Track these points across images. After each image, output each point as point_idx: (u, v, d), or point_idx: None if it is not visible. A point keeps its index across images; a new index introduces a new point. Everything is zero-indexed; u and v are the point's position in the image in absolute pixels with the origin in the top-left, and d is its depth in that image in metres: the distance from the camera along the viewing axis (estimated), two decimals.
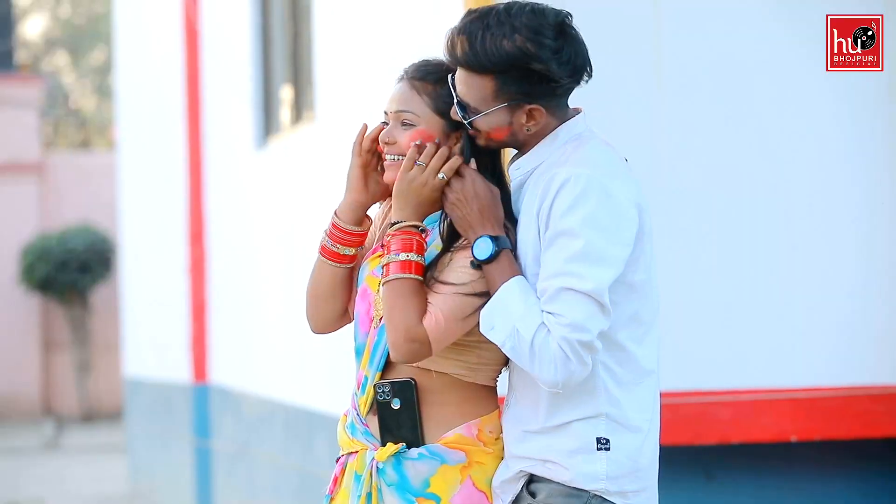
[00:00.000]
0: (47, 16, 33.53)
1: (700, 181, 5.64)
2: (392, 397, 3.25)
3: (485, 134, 3.20)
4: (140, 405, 12.84)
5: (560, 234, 3.07)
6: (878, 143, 5.82)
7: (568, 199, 3.07)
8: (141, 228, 12.73)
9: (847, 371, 5.78)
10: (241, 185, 9.37)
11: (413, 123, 3.27)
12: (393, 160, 3.27)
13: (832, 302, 5.79)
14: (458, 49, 3.14)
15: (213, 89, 9.98)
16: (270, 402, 8.43)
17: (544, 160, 3.19)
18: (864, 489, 5.96)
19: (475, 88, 3.15)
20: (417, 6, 6.18)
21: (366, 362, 3.30)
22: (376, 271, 3.30)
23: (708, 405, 5.62)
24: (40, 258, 19.17)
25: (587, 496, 3.15)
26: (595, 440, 3.15)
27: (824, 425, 5.74)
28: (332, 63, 7.39)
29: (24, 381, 20.09)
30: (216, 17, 9.91)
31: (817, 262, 5.79)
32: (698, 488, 5.82)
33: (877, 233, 5.83)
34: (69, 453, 16.30)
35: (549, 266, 3.07)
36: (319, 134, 7.45)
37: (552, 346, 3.03)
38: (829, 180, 5.80)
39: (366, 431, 3.30)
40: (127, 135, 13.58)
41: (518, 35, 3.08)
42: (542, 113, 3.17)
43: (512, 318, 3.07)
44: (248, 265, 9.14)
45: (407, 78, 3.31)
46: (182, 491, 10.80)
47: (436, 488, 3.22)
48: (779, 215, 5.77)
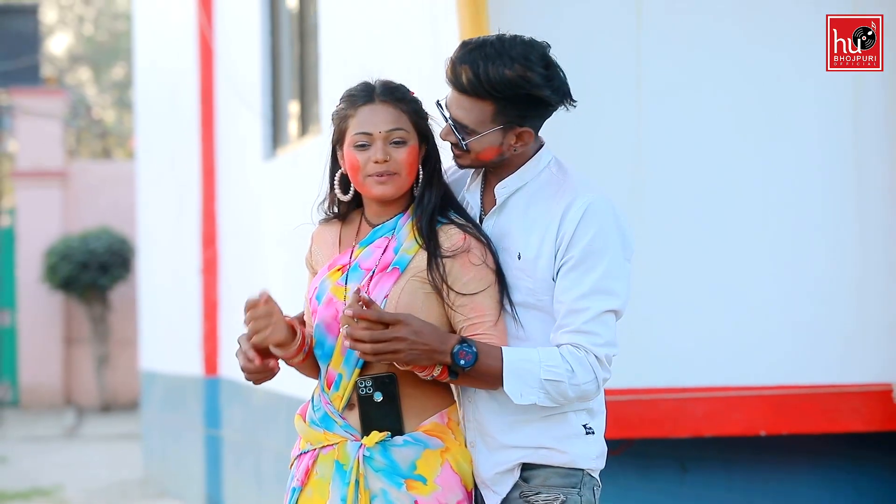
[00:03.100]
0: (71, 33, 33.52)
1: (675, 188, 5.64)
2: (374, 391, 3.28)
3: (475, 154, 3.26)
4: (155, 396, 12.82)
5: (588, 255, 3.17)
6: (845, 155, 5.82)
7: (595, 222, 3.18)
8: (157, 232, 12.73)
9: (813, 370, 5.78)
10: (250, 192, 9.36)
11: (405, 140, 3.31)
12: (389, 177, 3.29)
13: (800, 306, 5.79)
14: (463, 77, 3.20)
15: (226, 103, 9.98)
16: (276, 395, 8.42)
17: (528, 181, 3.28)
18: (827, 479, 5.95)
19: (475, 112, 3.21)
20: (414, 29, 6.18)
21: (338, 362, 3.32)
22: (340, 282, 3.33)
23: (683, 401, 5.62)
24: (63, 259, 19.16)
25: (581, 474, 3.28)
26: (583, 427, 3.28)
27: (791, 420, 5.74)
28: (336, 80, 7.39)
29: (46, 373, 20.08)
30: (229, 37, 9.91)
31: (787, 267, 5.79)
32: (674, 478, 5.82)
33: (842, 242, 5.83)
34: (88, 441, 16.28)
35: (580, 286, 3.17)
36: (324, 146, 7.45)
37: (588, 360, 3.16)
38: (798, 189, 5.80)
39: (345, 425, 3.32)
40: (145, 145, 13.57)
41: (517, 64, 3.16)
42: (531, 135, 3.26)
43: (536, 375, 3.16)
44: (257, 266, 9.13)
45: (388, 99, 3.33)
46: (193, 477, 10.79)
47: (421, 470, 3.26)
48: (751, 223, 5.77)
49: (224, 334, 10.18)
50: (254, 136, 9.13)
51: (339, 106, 3.41)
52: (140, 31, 13.71)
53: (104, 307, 19.71)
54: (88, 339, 20.04)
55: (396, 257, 3.30)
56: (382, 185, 3.30)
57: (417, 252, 3.30)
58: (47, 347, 20.08)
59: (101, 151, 29.93)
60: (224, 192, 10.15)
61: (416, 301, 3.26)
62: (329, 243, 3.46)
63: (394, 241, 3.32)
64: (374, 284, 3.30)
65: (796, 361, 5.76)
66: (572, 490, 3.25)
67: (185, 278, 11.08)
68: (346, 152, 3.37)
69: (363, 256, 3.35)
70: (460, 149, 3.27)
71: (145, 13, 13.39)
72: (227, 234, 10.10)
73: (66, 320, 20.24)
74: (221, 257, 10.22)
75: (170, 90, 11.84)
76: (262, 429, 8.94)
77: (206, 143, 10.29)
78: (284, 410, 8.33)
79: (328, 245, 3.46)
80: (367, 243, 3.36)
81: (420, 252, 3.29)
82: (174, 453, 11.73)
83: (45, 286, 19.59)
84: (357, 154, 3.32)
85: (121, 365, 19.92)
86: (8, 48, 21.64)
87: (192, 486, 10.82)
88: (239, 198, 9.74)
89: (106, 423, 18.19)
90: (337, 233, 3.46)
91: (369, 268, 3.32)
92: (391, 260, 3.31)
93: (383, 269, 3.30)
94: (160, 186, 12.52)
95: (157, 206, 12.76)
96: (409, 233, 3.32)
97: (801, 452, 5.90)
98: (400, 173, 3.30)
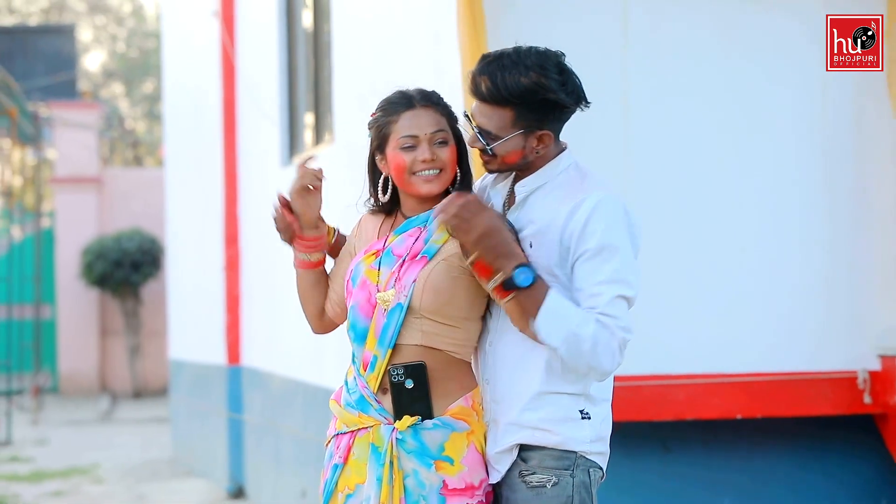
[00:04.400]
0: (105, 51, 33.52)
1: (659, 191, 5.62)
2: (405, 378, 3.26)
3: (500, 158, 3.25)
4: (182, 383, 12.81)
5: (603, 248, 3.14)
6: (816, 161, 5.80)
7: (605, 218, 3.16)
8: (184, 232, 12.71)
9: (785, 359, 5.77)
10: (269, 196, 9.34)
11: (447, 141, 3.33)
12: (435, 175, 3.31)
13: (774, 300, 5.78)
14: (483, 86, 3.20)
15: (246, 115, 9.97)
16: (293, 382, 8.41)
17: (547, 181, 3.27)
18: (798, 458, 5.94)
19: (496, 118, 3.21)
20: (419, 46, 6.17)
21: (373, 343, 3.30)
22: (374, 265, 3.34)
23: (665, 387, 5.60)
24: (98, 257, 19.15)
25: (574, 457, 3.22)
26: (579, 412, 3.23)
27: (765, 405, 5.72)
28: (348, 93, 7.38)
29: (83, 362, 20.08)
30: (249, 54, 9.90)
31: (763, 265, 5.77)
32: (657, 458, 5.81)
33: (813, 241, 5.81)
34: (121, 424, 16.28)
35: (598, 274, 3.14)
36: (336, 153, 7.43)
37: (612, 343, 3.12)
38: (773, 192, 5.79)
39: (380, 408, 3.30)
40: (173, 153, 13.56)
41: (532, 72, 3.16)
42: (551, 137, 3.25)
43: (569, 324, 3.11)
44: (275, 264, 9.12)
45: (428, 104, 3.35)
46: (217, 457, 10.78)
47: (449, 452, 3.25)
48: (729, 223, 5.76)
49: (245, 326, 10.17)
50: (272, 145, 9.12)
51: (377, 115, 3.41)
52: (168, 48, 13.70)
53: (136, 302, 19.70)
54: (122, 331, 20.03)
55: (426, 247, 3.31)
56: (429, 182, 3.32)
57: (448, 240, 3.30)
58: (84, 339, 20.08)
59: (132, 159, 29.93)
60: (245, 196, 10.14)
61: (443, 282, 3.26)
62: (371, 230, 3.47)
63: (425, 231, 3.34)
64: (404, 270, 3.30)
65: (770, 351, 5.75)
66: (565, 472, 3.21)
67: (209, 275, 11.07)
68: (391, 154, 3.35)
69: (396, 243, 3.35)
70: (487, 154, 3.26)
71: (173, 32, 13.38)
72: (247, 234, 10.09)
73: (101, 314, 20.23)
74: (242, 255, 10.21)
75: (195, 103, 11.83)
76: (280, 413, 8.93)
77: (229, 151, 10.28)
78: (300, 396, 8.31)
79: (369, 232, 3.47)
80: (401, 231, 3.37)
81: (451, 240, 3.30)
82: (200, 435, 11.72)
83: (82, 283, 19.58)
84: (404, 155, 3.32)
85: (151, 355, 19.92)
86: (47, 65, 21.65)
87: (216, 465, 10.81)
88: (258, 201, 9.72)
89: (137, 408, 18.19)
90: (379, 223, 3.47)
91: (401, 254, 3.33)
92: (420, 249, 3.31)
93: (413, 256, 3.31)
94: (187, 191, 12.51)
95: (183, 208, 12.75)
96: (440, 225, 3.31)
97: (774, 434, 5.89)
98: (445, 170, 3.33)
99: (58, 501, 10.17)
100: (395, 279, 3.29)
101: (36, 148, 18.65)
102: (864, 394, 5.74)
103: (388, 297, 3.29)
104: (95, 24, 33.22)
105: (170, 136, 13.72)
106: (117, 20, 33.24)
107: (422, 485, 3.24)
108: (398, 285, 3.28)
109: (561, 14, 5.56)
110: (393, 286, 3.28)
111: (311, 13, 8.52)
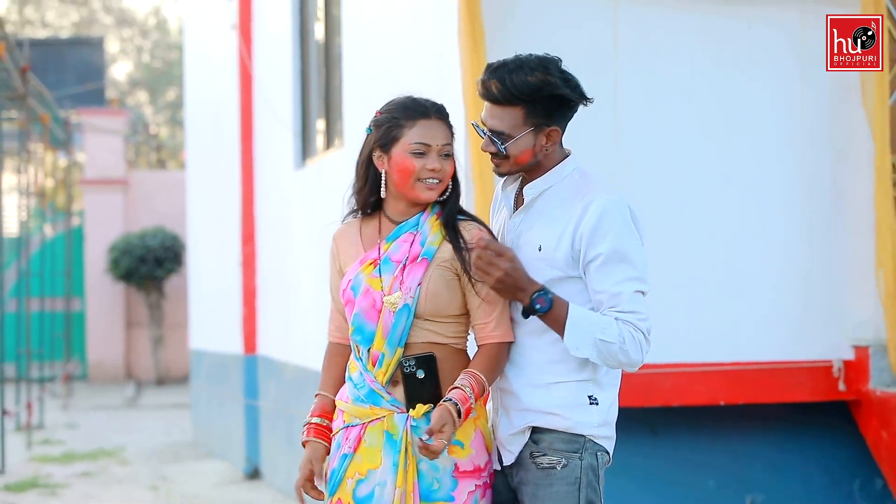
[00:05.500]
0: (131, 62, 33.53)
1: (648, 191, 5.60)
2: (417, 369, 3.24)
3: (513, 159, 3.24)
4: (202, 372, 12.80)
5: (615, 251, 3.16)
6: (795, 163, 5.79)
7: (613, 221, 3.17)
8: (204, 231, 12.70)
9: (766, 349, 5.75)
10: (283, 197, 9.33)
11: (451, 155, 3.32)
12: (436, 184, 3.29)
13: (756, 294, 5.76)
14: (493, 88, 3.20)
15: (262, 121, 9.95)
16: (305, 370, 8.39)
17: (553, 184, 3.26)
18: (777, 441, 5.93)
19: (508, 118, 3.20)
20: (423, 58, 6.15)
21: (381, 343, 3.27)
22: (375, 274, 3.30)
23: (654, 375, 5.58)
24: (124, 254, 19.14)
25: (583, 440, 3.21)
26: (587, 397, 3.22)
27: (747, 392, 5.71)
28: (357, 100, 7.36)
29: (110, 352, 20.07)
30: (265, 64, 9.88)
31: (745, 261, 5.76)
32: (646, 441, 5.79)
33: (793, 237, 5.80)
34: (145, 410, 16.27)
35: (615, 275, 3.16)
36: (346, 157, 7.41)
37: (637, 336, 3.15)
38: (756, 191, 5.77)
39: (392, 399, 3.27)
40: (194, 157, 13.55)
41: (537, 72, 3.18)
42: (559, 133, 3.25)
43: (593, 333, 3.13)
44: (288, 261, 9.11)
45: (441, 117, 3.33)
46: (234, 440, 10.77)
47: (459, 436, 3.23)
48: (714, 221, 5.74)
49: (261, 318, 10.16)
50: (286, 149, 9.10)
51: (389, 114, 3.37)
52: (190, 59, 13.68)
53: (159, 295, 19.69)
54: (146, 322, 20.02)
55: (424, 249, 3.28)
56: (431, 190, 3.30)
57: (441, 244, 3.28)
58: (111, 330, 20.07)
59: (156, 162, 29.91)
60: (260, 197, 10.13)
61: (441, 288, 3.25)
62: (352, 241, 3.41)
63: (419, 235, 3.31)
64: (406, 273, 3.27)
65: (752, 342, 5.73)
66: (574, 455, 3.20)
67: (227, 271, 11.05)
68: (398, 156, 3.30)
69: (392, 250, 3.32)
70: (499, 156, 3.24)
71: (194, 44, 13.37)
72: (262, 232, 10.08)
73: (126, 307, 20.22)
74: (258, 253, 10.20)
75: (215, 110, 11.81)
76: (294, 399, 8.91)
77: (246, 155, 10.27)
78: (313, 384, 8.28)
79: (351, 243, 3.41)
80: (394, 238, 3.33)
81: (444, 244, 3.28)
82: (218, 420, 11.70)
83: (109, 277, 19.57)
84: (413, 160, 3.28)
85: (173, 345, 19.90)
86: (78, 75, 21.65)
87: (234, 447, 10.80)
88: (273, 202, 9.71)
89: (160, 395, 18.17)
90: (357, 231, 3.41)
91: (399, 260, 3.29)
92: (419, 252, 3.28)
93: (413, 259, 3.28)
94: (206, 192, 12.50)
95: (203, 208, 12.73)
96: (432, 227, 3.30)
97: (756, 419, 5.87)
98: (444, 181, 3.31)
99: (86, 481, 10.15)
100: (398, 282, 3.26)
101: (67, 152, 18.64)
102: (839, 381, 5.72)
103: (395, 299, 3.26)
104: (122, 36, 33.22)
105: (191, 141, 13.71)
106: (143, 33, 33.24)
107: (435, 468, 3.22)
108: (403, 287, 3.26)
109: (553, 28, 5.55)
110: (398, 289, 3.26)
111: (324, 27, 8.50)
